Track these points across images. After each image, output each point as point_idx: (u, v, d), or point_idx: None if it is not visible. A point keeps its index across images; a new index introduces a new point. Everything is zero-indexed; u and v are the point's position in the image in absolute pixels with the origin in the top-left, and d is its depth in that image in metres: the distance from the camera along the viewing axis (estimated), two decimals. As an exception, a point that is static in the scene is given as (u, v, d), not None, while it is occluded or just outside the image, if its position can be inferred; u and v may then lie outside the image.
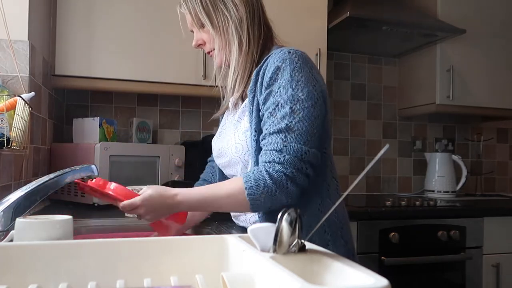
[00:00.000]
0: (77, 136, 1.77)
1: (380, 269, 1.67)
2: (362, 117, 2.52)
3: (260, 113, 0.93)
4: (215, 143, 1.10)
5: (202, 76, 1.80)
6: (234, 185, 0.88)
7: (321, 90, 0.91)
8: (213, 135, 1.16)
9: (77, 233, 1.07)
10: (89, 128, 1.73)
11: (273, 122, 0.88)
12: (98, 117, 1.71)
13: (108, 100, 2.06)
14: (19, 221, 0.69)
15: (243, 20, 1.00)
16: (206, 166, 1.28)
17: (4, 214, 0.83)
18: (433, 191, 2.36)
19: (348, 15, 1.89)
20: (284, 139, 0.85)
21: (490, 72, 2.29)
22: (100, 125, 1.71)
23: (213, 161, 1.19)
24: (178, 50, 1.79)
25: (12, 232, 0.72)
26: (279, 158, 0.84)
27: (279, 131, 0.86)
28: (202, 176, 1.26)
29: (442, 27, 2.09)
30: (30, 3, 1.35)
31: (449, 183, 2.33)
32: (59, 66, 1.67)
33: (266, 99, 0.91)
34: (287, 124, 0.86)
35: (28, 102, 1.11)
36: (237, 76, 1.03)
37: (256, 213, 0.99)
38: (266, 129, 0.89)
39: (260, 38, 1.02)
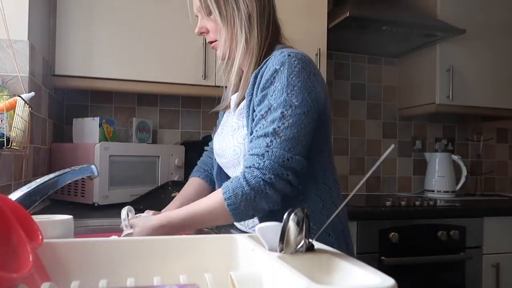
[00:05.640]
0: (77, 136, 1.77)
1: (380, 269, 1.64)
2: (362, 117, 2.52)
3: (254, 115, 0.92)
4: (217, 141, 1.09)
5: (202, 76, 1.80)
6: (214, 199, 0.87)
7: (316, 97, 0.89)
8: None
9: (77, 233, 1.07)
10: (89, 128, 1.73)
11: (263, 125, 0.87)
12: (98, 117, 1.71)
13: (108, 100, 2.06)
14: (19, 221, 0.69)
15: (253, 16, 0.97)
16: (204, 154, 1.27)
17: (4, 214, 0.83)
18: (433, 191, 2.36)
19: (348, 15, 1.89)
20: (269, 144, 0.85)
21: (490, 72, 2.29)
22: (100, 125, 1.71)
23: (211, 151, 1.20)
24: (178, 50, 1.79)
25: (12, 232, 0.72)
26: (259, 164, 0.84)
27: (266, 135, 0.86)
28: (200, 163, 1.26)
29: (442, 27, 2.09)
30: (30, 3, 1.35)
31: (449, 183, 2.33)
32: (59, 66, 1.67)
33: (260, 101, 0.90)
34: (274, 129, 0.85)
35: (28, 102, 1.12)
36: (242, 73, 1.02)
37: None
38: (256, 131, 0.89)
39: (268, 37, 1.00)
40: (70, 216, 0.72)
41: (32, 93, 1.16)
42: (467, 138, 2.70)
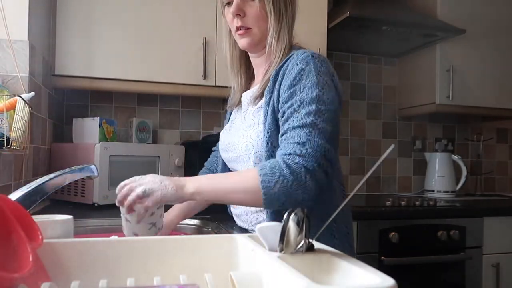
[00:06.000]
0: (77, 136, 1.77)
1: (380, 269, 1.64)
2: (362, 117, 2.52)
3: (281, 111, 0.90)
4: (225, 137, 1.09)
5: (202, 76, 1.80)
6: (247, 173, 0.84)
7: (339, 100, 0.92)
8: (213, 135, 1.16)
9: (77, 233, 1.07)
10: (89, 128, 1.73)
11: (297, 117, 0.86)
12: (98, 117, 1.71)
13: (108, 100, 2.06)
14: (19, 221, 0.69)
15: (295, 17, 1.01)
16: (211, 154, 1.27)
17: (4, 214, 0.83)
18: (433, 191, 2.36)
19: (348, 15, 1.89)
20: (309, 134, 0.83)
21: (490, 72, 2.29)
22: (100, 125, 1.71)
23: (218, 151, 1.19)
24: (178, 50, 1.79)
25: (12, 232, 0.72)
26: (301, 151, 0.81)
27: (303, 126, 0.84)
28: (206, 164, 1.26)
29: (442, 27, 2.09)
30: (30, 3, 1.35)
31: (449, 183, 2.33)
32: (59, 66, 1.67)
33: (289, 98, 0.89)
34: (312, 121, 0.84)
35: (28, 102, 1.12)
36: (251, 70, 1.03)
37: (259, 215, 0.99)
38: (289, 124, 0.87)
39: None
40: (70, 216, 0.72)
41: (32, 93, 1.16)
42: (467, 138, 2.70)
